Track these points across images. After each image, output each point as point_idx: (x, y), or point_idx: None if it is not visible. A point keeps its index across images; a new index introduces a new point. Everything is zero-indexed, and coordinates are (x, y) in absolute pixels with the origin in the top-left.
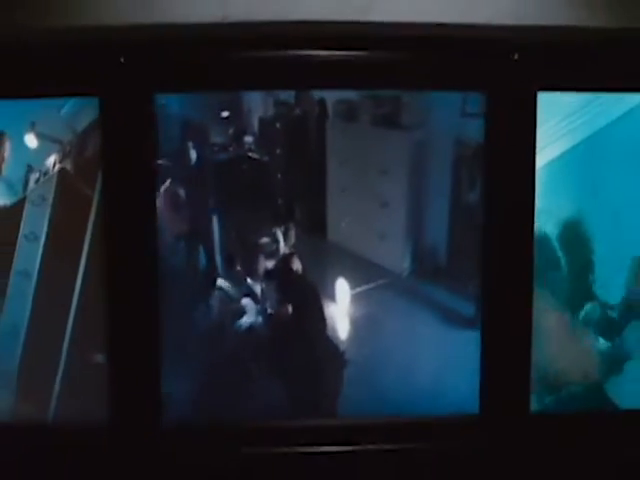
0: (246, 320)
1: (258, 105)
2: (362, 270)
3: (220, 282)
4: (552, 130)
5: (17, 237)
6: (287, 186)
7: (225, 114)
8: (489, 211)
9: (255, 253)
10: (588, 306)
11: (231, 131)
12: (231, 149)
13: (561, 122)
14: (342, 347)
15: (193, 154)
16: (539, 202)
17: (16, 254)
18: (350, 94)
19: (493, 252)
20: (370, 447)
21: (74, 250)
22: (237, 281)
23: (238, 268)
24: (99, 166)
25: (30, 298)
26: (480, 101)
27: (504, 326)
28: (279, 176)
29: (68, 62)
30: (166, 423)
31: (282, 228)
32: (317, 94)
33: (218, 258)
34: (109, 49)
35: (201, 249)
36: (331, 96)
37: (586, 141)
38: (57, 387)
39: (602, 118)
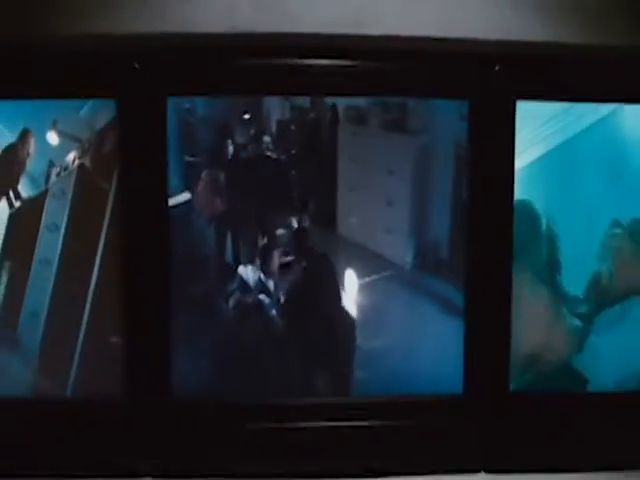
0: (261, 302)
1: (276, 109)
2: (369, 262)
3: (239, 269)
4: (530, 135)
5: (39, 227)
6: (301, 183)
7: (247, 116)
8: (473, 207)
9: (272, 242)
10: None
11: (252, 132)
12: (250, 148)
13: (538, 129)
14: (347, 331)
15: (219, 151)
16: (517, 199)
17: (38, 243)
18: (360, 101)
19: (476, 244)
20: (364, 423)
21: (92, 239)
22: (254, 266)
23: (256, 255)
24: (115, 162)
25: (51, 283)
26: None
27: (485, 313)
28: (294, 173)
29: (87, 67)
30: (176, 398)
31: (296, 221)
32: (329, 100)
33: (235, 245)
34: (124, 56)
35: (222, 236)
36: (342, 102)
37: (560, 146)
38: (75, 364)
39: (575, 126)
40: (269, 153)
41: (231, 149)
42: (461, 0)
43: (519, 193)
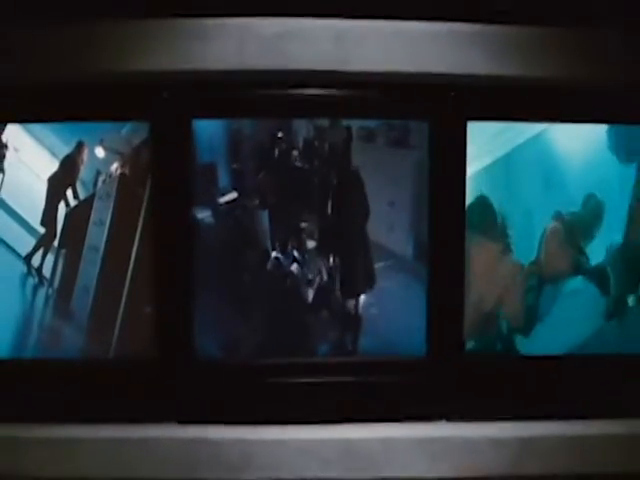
0: (285, 276)
1: (302, 129)
2: (369, 252)
3: (270, 250)
4: (478, 148)
5: (89, 222)
6: (322, 188)
7: (280, 135)
8: (435, 201)
9: (297, 232)
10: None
11: (283, 147)
12: (282, 160)
13: (485, 143)
14: (351, 304)
15: (258, 163)
16: (468, 200)
17: (88, 234)
18: (370, 123)
19: (437, 231)
20: (343, 379)
21: (129, 231)
22: (282, 250)
23: (286, 242)
24: (148, 172)
25: (98, 265)
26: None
27: (443, 286)
28: (316, 180)
29: (127, 96)
30: (198, 358)
31: (318, 217)
32: (345, 122)
33: (271, 232)
34: (155, 88)
35: (260, 224)
36: (355, 124)
37: (504, 156)
38: (116, 330)
39: (514, 140)
40: (297, 164)
41: (268, 161)
42: (424, 42)
43: (470, 195)
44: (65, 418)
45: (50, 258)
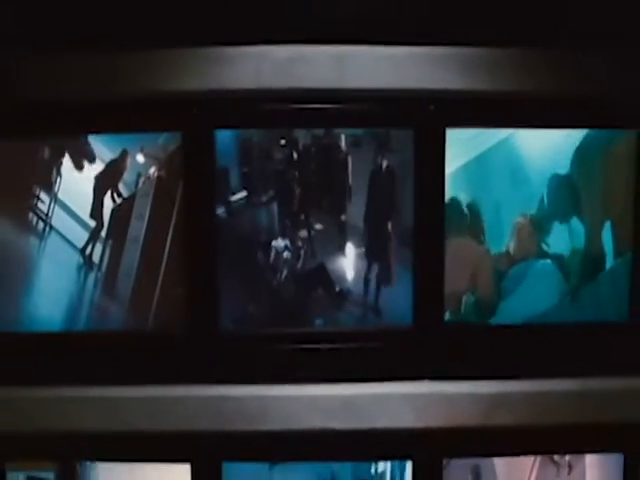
0: (286, 258)
1: (301, 137)
2: (360, 238)
3: (275, 242)
4: (455, 151)
5: (130, 217)
6: (318, 185)
7: (283, 142)
8: (418, 198)
9: (296, 223)
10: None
11: (286, 152)
12: (285, 163)
13: (460, 146)
14: (341, 279)
15: (264, 165)
16: (447, 196)
17: (130, 227)
18: (357, 131)
19: (420, 222)
20: (342, 346)
21: (165, 225)
22: (284, 238)
23: (289, 233)
24: (180, 174)
25: (138, 254)
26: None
27: (425, 268)
28: (313, 179)
29: (163, 111)
30: (223, 329)
31: (314, 210)
32: (337, 131)
33: (276, 224)
34: (187, 104)
35: (265, 218)
36: (346, 132)
37: (475, 158)
38: (153, 307)
39: (485, 144)
40: (297, 166)
41: (272, 164)
42: (408, 64)
43: (448, 192)
44: (112, 380)
45: (98, 247)
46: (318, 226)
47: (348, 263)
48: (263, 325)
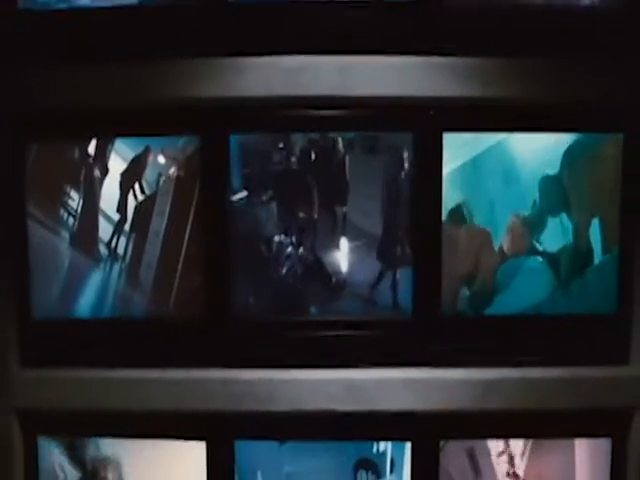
0: (289, 254)
1: (299, 140)
2: (354, 233)
3: (276, 237)
4: (451, 153)
5: (152, 212)
6: (316, 186)
7: (281, 145)
8: (418, 198)
9: (296, 221)
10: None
11: (284, 154)
12: (283, 164)
13: (456, 149)
14: (338, 271)
15: (264, 167)
16: (445, 196)
17: (151, 222)
18: (349, 135)
19: (420, 219)
20: (347, 333)
21: (183, 218)
22: (284, 234)
23: (287, 229)
24: (198, 174)
25: (159, 245)
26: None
27: (424, 265)
28: (310, 180)
29: (182, 116)
30: (237, 315)
31: (312, 209)
32: (332, 134)
33: (278, 222)
34: (204, 110)
35: (264, 217)
36: (338, 136)
37: (471, 160)
38: (173, 294)
39: (479, 147)
40: (295, 167)
41: (271, 166)
42: (408, 72)
43: (445, 191)
44: (134, 363)
45: (123, 240)
46: (315, 222)
47: (351, 258)
48: (272, 314)
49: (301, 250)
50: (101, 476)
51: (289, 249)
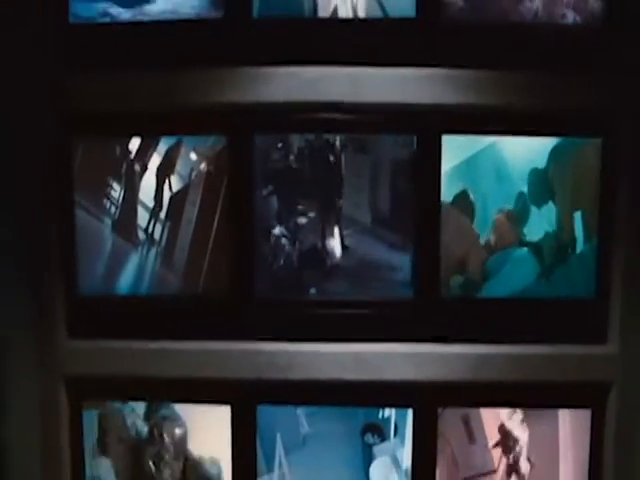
0: (287, 242)
1: (296, 140)
2: (349, 222)
3: (277, 230)
4: (449, 153)
5: (185, 202)
6: (313, 182)
7: (280, 145)
8: (419, 192)
9: (295, 214)
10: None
11: (283, 153)
12: (282, 162)
13: (454, 150)
14: (334, 257)
15: (267, 165)
16: (443, 191)
17: (184, 211)
18: (342, 136)
19: (420, 210)
20: (359, 312)
21: (213, 208)
22: (285, 224)
23: (287, 219)
24: (225, 169)
25: (191, 231)
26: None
27: (424, 250)
28: (308, 176)
29: (212, 118)
30: (257, 295)
31: (310, 203)
32: (328, 135)
33: (278, 215)
34: (231, 113)
35: (268, 209)
36: (334, 137)
37: (465, 160)
38: (203, 273)
39: (474, 148)
40: (293, 165)
41: (271, 164)
42: (412, 82)
43: (444, 186)
44: (168, 335)
45: (159, 226)
46: (314, 213)
47: (351, 243)
48: (289, 292)
49: (298, 237)
50: (159, 433)
51: (286, 236)
